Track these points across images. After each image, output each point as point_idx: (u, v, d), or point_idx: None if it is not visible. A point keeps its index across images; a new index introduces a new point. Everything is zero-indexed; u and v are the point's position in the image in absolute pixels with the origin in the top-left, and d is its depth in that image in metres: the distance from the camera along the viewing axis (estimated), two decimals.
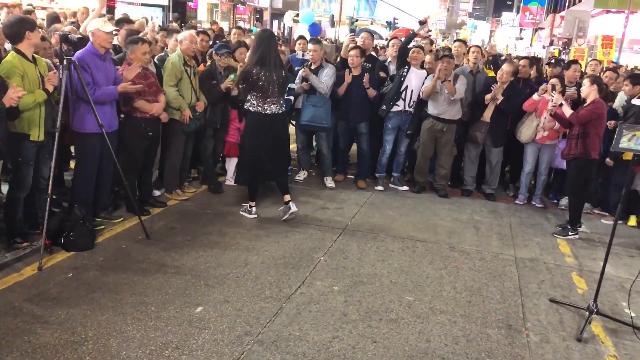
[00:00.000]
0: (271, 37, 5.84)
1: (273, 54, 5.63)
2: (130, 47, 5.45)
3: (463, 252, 5.53)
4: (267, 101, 5.64)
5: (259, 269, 4.73)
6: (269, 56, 5.58)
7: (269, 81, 5.56)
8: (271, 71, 5.56)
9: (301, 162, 7.70)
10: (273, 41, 5.78)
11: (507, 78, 6.95)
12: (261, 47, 5.58)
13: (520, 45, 56.83)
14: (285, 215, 5.88)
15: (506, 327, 4.13)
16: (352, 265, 4.94)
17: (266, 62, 5.56)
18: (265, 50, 5.58)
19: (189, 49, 6.04)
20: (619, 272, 5.39)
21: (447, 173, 7.44)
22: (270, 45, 5.64)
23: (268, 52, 5.58)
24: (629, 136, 3.92)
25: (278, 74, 5.65)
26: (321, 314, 4.07)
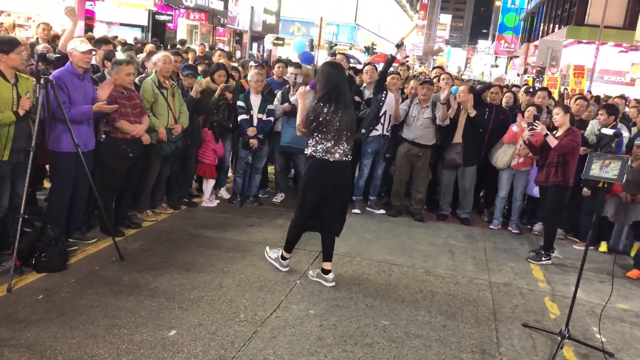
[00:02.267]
0: (342, 72, 4.94)
1: (346, 92, 4.85)
2: (115, 68, 5.44)
3: (438, 276, 5.57)
4: (335, 146, 4.78)
5: (234, 292, 4.69)
6: (341, 94, 4.76)
7: (339, 122, 4.72)
8: (343, 112, 4.75)
9: (279, 184, 7.71)
10: (343, 76, 4.91)
11: (464, 97, 7.11)
12: (331, 82, 4.76)
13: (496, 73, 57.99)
14: (316, 278, 5.11)
15: (480, 351, 4.15)
16: (328, 289, 4.93)
17: (339, 100, 4.74)
18: (336, 86, 4.76)
19: (163, 69, 6.05)
20: (590, 297, 5.47)
21: (423, 197, 7.52)
22: (340, 82, 4.79)
23: (339, 90, 4.76)
24: (599, 164, 4.03)
25: (349, 117, 4.82)
26: (296, 338, 4.05)
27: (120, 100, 5.40)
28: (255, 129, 6.93)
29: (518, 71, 40.38)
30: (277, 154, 7.47)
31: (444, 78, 7.68)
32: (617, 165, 3.96)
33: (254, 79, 6.98)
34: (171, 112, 6.12)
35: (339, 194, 4.96)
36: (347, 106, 4.82)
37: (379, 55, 33.39)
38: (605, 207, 6.82)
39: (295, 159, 7.49)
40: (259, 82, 7.00)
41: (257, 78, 6.99)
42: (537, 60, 23.83)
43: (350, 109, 4.89)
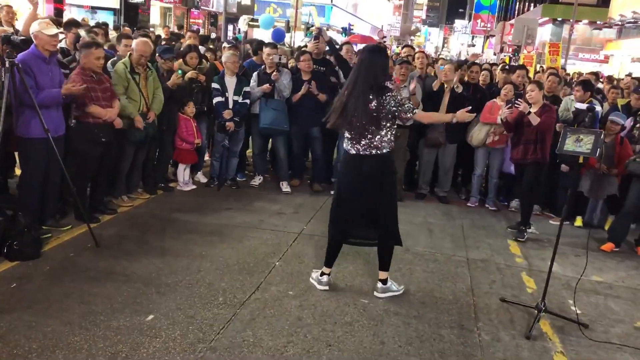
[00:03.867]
0: (372, 56, 4.25)
1: (366, 78, 4.17)
2: (83, 52, 5.30)
3: (417, 254, 5.60)
4: (353, 137, 4.29)
5: (213, 275, 4.66)
6: (359, 80, 4.19)
7: (354, 112, 4.18)
8: (358, 99, 4.16)
9: (257, 167, 7.65)
10: (376, 61, 4.23)
11: (450, 76, 7.12)
12: (359, 67, 4.25)
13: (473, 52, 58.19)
14: (378, 292, 4.56)
15: (458, 326, 4.19)
16: (308, 270, 4.92)
17: (355, 87, 4.20)
18: (361, 71, 4.21)
19: (142, 55, 5.92)
20: (566, 271, 5.55)
21: (401, 177, 7.52)
22: (368, 67, 4.19)
23: (360, 75, 4.20)
24: (573, 139, 4.05)
25: (359, 105, 4.14)
26: (276, 319, 4.04)
27: (90, 85, 5.28)
28: (231, 111, 6.84)
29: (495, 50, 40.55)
30: (255, 136, 7.40)
31: (419, 57, 7.65)
32: (590, 140, 3.99)
33: (229, 60, 6.88)
34: (143, 97, 6.00)
35: (372, 193, 4.33)
36: (364, 93, 4.15)
37: (355, 35, 33.25)
38: (581, 183, 6.90)
39: (274, 141, 7.42)
40: (234, 64, 6.90)
41: (232, 59, 6.89)
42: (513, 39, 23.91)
43: (361, 97, 4.15)
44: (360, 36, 33.10)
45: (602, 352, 4.05)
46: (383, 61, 4.27)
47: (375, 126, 4.20)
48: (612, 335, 4.30)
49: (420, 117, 4.55)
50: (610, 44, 31.70)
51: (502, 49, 28.17)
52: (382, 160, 4.28)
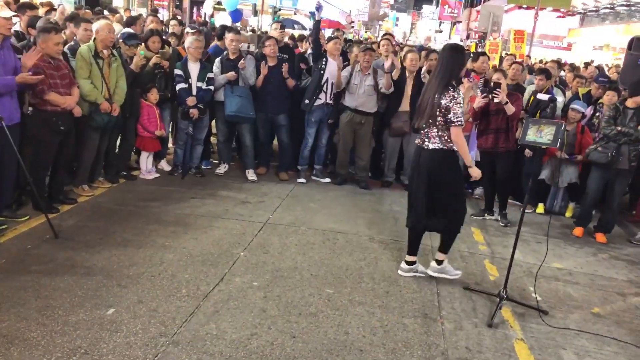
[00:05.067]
0: (451, 54, 4.45)
1: (443, 75, 4.40)
2: (41, 36, 5.10)
3: (382, 242, 5.62)
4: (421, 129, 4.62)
5: (176, 267, 4.59)
6: (437, 76, 4.43)
7: (425, 105, 4.47)
8: (431, 93, 4.43)
9: (222, 155, 7.55)
10: (454, 59, 4.42)
11: (416, 65, 7.17)
12: (439, 64, 4.48)
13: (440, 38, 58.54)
14: (431, 271, 4.81)
15: (422, 316, 4.23)
16: (273, 260, 4.89)
17: (431, 82, 4.49)
18: (440, 68, 4.43)
19: (106, 39, 5.76)
20: (527, 258, 5.65)
21: (367, 164, 7.54)
22: (446, 65, 4.40)
23: (440, 72, 4.43)
24: (534, 129, 4.10)
25: (433, 98, 4.38)
26: (240, 311, 4.01)
27: (48, 71, 5.11)
28: (195, 98, 6.72)
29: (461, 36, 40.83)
30: (220, 123, 7.29)
31: (384, 44, 7.63)
32: (551, 130, 4.04)
33: (193, 46, 6.74)
34: (105, 83, 5.84)
35: (425, 186, 4.52)
36: (434, 88, 4.40)
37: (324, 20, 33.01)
38: (542, 170, 7.03)
39: (240, 128, 7.32)
40: (197, 49, 6.76)
41: (196, 44, 6.75)
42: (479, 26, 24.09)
43: (433, 92, 4.38)
44: (328, 21, 32.88)
45: (560, 338, 4.15)
46: (460, 60, 4.51)
47: (434, 120, 4.41)
48: (570, 322, 4.41)
49: (456, 133, 4.40)
50: (573, 31, 32.29)
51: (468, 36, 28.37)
52: (436, 154, 4.47)
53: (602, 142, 6.25)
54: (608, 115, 6.24)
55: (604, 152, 6.17)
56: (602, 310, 4.67)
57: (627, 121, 6.10)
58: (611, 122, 6.16)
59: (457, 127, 4.36)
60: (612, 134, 6.10)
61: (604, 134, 6.20)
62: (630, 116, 6.12)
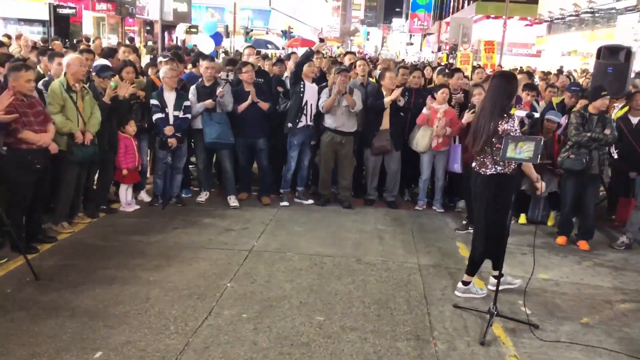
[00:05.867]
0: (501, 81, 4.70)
1: (495, 101, 4.63)
2: (12, 75, 5.03)
3: (369, 263, 5.60)
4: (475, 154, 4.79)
5: (162, 302, 4.51)
6: (488, 103, 4.67)
7: (481, 131, 4.65)
8: (485, 119, 4.63)
9: (202, 182, 7.49)
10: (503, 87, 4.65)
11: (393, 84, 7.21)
12: (490, 91, 4.73)
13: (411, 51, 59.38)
14: (457, 291, 5.02)
15: (414, 338, 4.21)
16: (261, 290, 4.84)
17: (483, 109, 4.74)
18: (491, 95, 4.70)
19: (78, 72, 5.70)
20: (515, 270, 5.66)
21: (349, 184, 7.54)
22: (496, 92, 4.64)
23: (490, 99, 4.68)
24: (513, 146, 4.14)
25: (487, 125, 4.58)
26: (230, 346, 3.94)
27: (21, 109, 5.03)
28: (173, 127, 6.66)
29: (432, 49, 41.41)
30: (199, 150, 7.24)
31: (360, 64, 7.69)
32: (530, 146, 4.09)
33: (167, 75, 6.70)
34: (80, 117, 5.76)
35: (479, 210, 4.84)
36: (487, 115, 4.61)
37: (296, 39, 33.28)
38: (523, 181, 7.09)
39: (219, 154, 7.27)
40: (172, 78, 6.73)
41: (171, 74, 6.71)
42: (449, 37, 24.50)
43: (487, 118, 4.59)
44: (301, 39, 33.16)
45: (552, 352, 4.16)
46: (510, 87, 4.67)
47: (488, 146, 4.59)
48: (561, 334, 4.42)
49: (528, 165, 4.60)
50: (541, 39, 32.98)
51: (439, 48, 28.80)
52: (488, 180, 4.66)
53: (572, 149, 6.35)
54: (576, 122, 6.35)
55: (578, 159, 6.28)
56: (591, 320, 4.70)
57: (593, 127, 6.24)
58: (580, 129, 6.28)
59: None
60: (584, 141, 6.22)
61: (575, 141, 6.30)
62: (596, 122, 6.26)
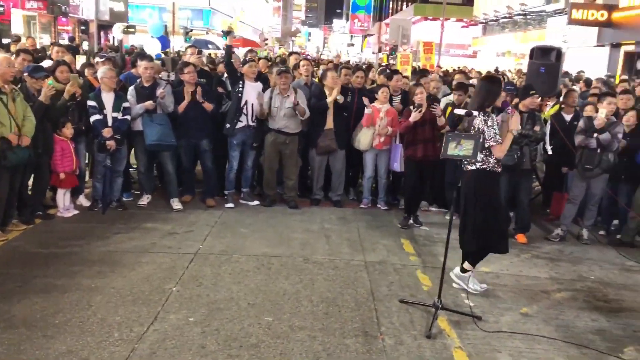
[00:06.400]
0: (483, 83, 5.04)
1: (474, 101, 5.02)
2: None
3: (317, 262, 5.62)
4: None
5: (105, 309, 4.37)
6: (471, 103, 5.16)
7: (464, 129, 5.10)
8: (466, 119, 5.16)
9: (144, 185, 7.30)
10: (484, 88, 4.95)
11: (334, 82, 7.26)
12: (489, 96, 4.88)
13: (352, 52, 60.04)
14: (452, 272, 5.26)
15: (363, 334, 4.26)
16: (207, 292, 4.77)
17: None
18: (474, 96, 5.11)
19: (6, 74, 5.45)
20: (457, 264, 5.79)
21: (295, 184, 7.54)
22: (477, 92, 5.01)
23: (473, 99, 5.10)
24: (454, 144, 4.26)
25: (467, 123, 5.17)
26: (178, 350, 3.87)
27: None
28: (111, 129, 6.47)
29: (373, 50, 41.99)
30: (140, 153, 7.06)
31: (304, 65, 7.71)
32: (470, 144, 4.22)
33: (106, 76, 6.52)
34: (13, 119, 5.51)
35: (467, 205, 5.00)
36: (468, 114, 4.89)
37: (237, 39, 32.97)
38: None
39: (161, 156, 7.12)
40: (111, 79, 6.54)
41: (109, 74, 6.54)
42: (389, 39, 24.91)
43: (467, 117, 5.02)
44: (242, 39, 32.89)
45: (495, 341, 4.30)
46: (491, 89, 4.89)
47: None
48: (502, 324, 4.59)
49: (495, 150, 4.76)
50: (476, 40, 34.05)
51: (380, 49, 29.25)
52: (473, 175, 4.83)
53: None
54: None
55: (510, 155, 6.52)
56: (530, 310, 4.90)
57: (524, 124, 6.51)
58: None
59: (495, 146, 4.72)
60: (516, 137, 6.48)
61: None
62: (526, 119, 6.54)
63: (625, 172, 6.76)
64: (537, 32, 23.90)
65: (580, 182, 6.76)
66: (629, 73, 16.96)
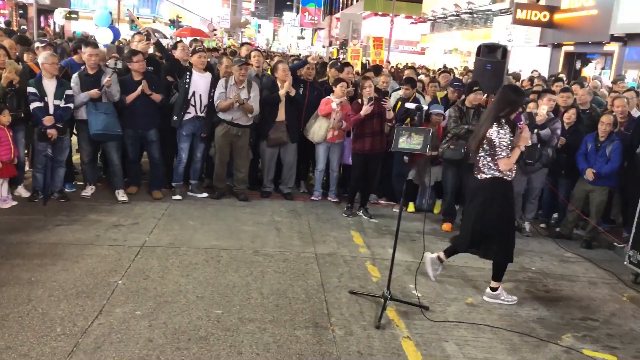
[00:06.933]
0: (504, 93, 4.94)
1: (493, 109, 4.90)
2: None
3: (267, 255, 5.60)
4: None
5: (46, 303, 4.21)
6: (489, 110, 5.01)
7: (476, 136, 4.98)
8: (481, 125, 4.96)
9: (87, 176, 7.07)
10: (504, 98, 4.86)
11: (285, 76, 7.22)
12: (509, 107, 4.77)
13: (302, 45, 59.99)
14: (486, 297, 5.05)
15: (313, 325, 4.27)
16: (155, 285, 4.67)
17: (483, 115, 5.11)
18: (493, 103, 4.98)
19: None
20: (405, 256, 5.93)
21: (245, 176, 7.47)
22: (497, 101, 4.90)
23: (492, 107, 4.94)
24: (405, 137, 4.32)
25: (482, 130, 4.90)
26: (124, 344, 3.77)
27: None
28: (53, 117, 6.22)
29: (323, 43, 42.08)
30: (84, 143, 6.82)
31: (254, 56, 7.63)
32: (420, 137, 4.29)
33: (48, 61, 6.25)
34: None
35: (475, 212, 4.93)
36: (484, 121, 4.88)
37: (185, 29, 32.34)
38: (410, 171, 7.42)
39: (106, 146, 6.90)
40: (53, 65, 6.29)
41: (52, 60, 6.27)
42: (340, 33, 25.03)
43: (483, 124, 4.83)
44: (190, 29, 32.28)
45: (441, 331, 4.40)
46: (510, 98, 4.81)
47: (483, 150, 4.79)
48: (449, 314, 4.70)
49: (502, 164, 4.72)
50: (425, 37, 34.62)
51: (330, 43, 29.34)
52: (482, 183, 4.82)
53: (452, 140, 6.81)
54: (455, 115, 6.80)
55: (457, 149, 6.72)
56: (475, 300, 5.03)
57: (470, 119, 6.69)
58: (458, 121, 6.74)
59: (502, 159, 4.69)
60: (462, 132, 6.65)
61: (454, 134, 6.74)
62: (472, 115, 6.72)
63: (564, 168, 7.05)
64: (484, 31, 24.50)
65: (521, 177, 6.99)
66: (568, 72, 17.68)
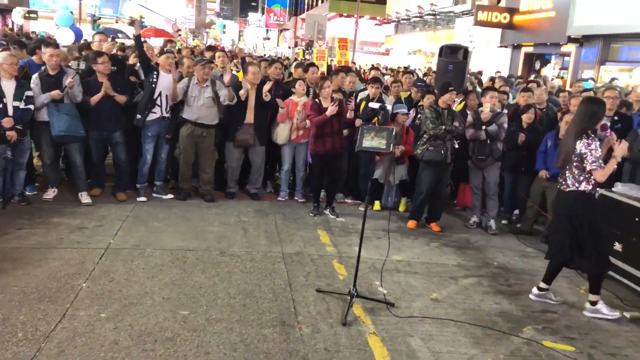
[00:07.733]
0: (587, 105, 4.88)
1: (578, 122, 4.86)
2: None
3: (234, 255, 5.59)
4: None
5: (7, 308, 4.13)
6: (573, 124, 4.93)
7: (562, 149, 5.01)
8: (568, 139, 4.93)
9: (49, 178, 6.93)
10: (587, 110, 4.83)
11: (256, 79, 7.25)
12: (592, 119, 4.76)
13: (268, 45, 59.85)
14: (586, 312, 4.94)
15: (280, 324, 4.30)
16: (120, 288, 4.62)
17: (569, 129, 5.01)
18: (576, 116, 4.92)
19: None
20: (371, 254, 6.00)
21: (211, 177, 7.44)
22: (581, 114, 4.85)
23: (575, 120, 4.89)
24: (369, 136, 4.39)
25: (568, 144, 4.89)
26: (89, 348, 3.73)
27: None
28: (12, 119, 6.09)
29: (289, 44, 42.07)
30: (45, 145, 6.69)
31: (219, 56, 7.62)
32: (384, 136, 4.36)
33: (7, 62, 6.11)
34: None
35: (568, 226, 4.89)
36: (570, 135, 4.86)
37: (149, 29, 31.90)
38: (375, 170, 7.52)
39: (68, 148, 6.78)
40: (12, 65, 6.15)
41: (11, 60, 6.14)
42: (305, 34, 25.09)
43: (570, 138, 4.83)
44: (154, 29, 31.88)
45: (407, 326, 4.48)
46: (595, 110, 4.81)
47: (570, 165, 4.80)
48: (414, 310, 4.78)
49: (597, 175, 4.73)
50: (389, 38, 34.99)
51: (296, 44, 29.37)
52: (572, 196, 4.84)
53: (430, 142, 6.81)
54: (432, 116, 6.79)
55: (436, 150, 6.78)
56: (439, 295, 5.14)
57: (445, 120, 6.78)
58: (436, 122, 6.76)
59: (597, 171, 4.69)
60: (441, 133, 6.72)
61: (432, 134, 6.76)
62: (447, 115, 6.82)
63: (525, 165, 7.23)
64: (446, 32, 24.91)
65: (476, 172, 7.18)
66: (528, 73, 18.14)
